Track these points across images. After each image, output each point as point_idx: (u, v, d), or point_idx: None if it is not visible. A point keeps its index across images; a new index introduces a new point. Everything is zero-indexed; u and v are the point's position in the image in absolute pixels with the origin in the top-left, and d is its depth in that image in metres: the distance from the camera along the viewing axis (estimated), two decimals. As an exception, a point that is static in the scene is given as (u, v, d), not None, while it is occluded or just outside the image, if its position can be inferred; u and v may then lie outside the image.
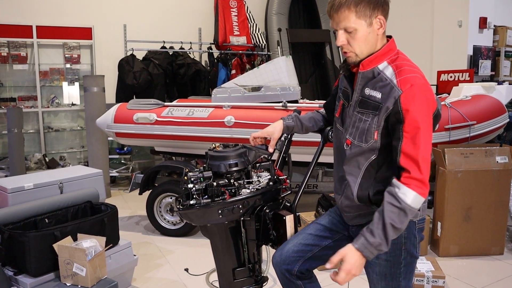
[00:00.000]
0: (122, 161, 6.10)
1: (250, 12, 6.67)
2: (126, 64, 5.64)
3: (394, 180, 1.42)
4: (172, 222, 3.92)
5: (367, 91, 1.49)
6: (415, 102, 1.39)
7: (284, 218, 1.66)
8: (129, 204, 4.92)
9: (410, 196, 1.37)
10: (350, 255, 1.38)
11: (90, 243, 2.36)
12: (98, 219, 2.62)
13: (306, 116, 1.93)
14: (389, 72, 1.46)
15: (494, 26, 5.87)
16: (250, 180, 1.73)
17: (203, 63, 6.60)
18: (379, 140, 1.48)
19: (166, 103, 4.03)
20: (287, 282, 1.75)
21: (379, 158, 1.51)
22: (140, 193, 4.03)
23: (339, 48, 1.55)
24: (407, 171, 1.39)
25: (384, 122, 1.45)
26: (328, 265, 1.40)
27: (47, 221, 2.53)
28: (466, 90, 3.74)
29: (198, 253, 3.54)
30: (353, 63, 1.54)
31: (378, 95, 1.45)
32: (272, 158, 1.89)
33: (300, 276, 1.73)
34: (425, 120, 1.40)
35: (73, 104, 5.95)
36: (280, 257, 1.73)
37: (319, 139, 1.92)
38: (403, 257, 1.56)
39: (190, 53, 6.30)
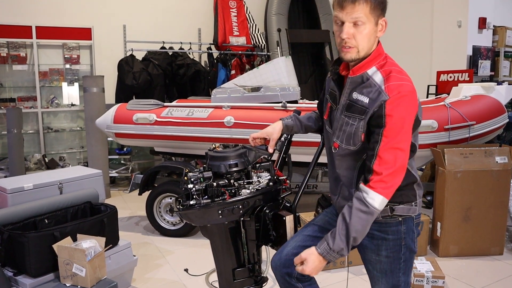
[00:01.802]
0: (122, 162, 6.09)
1: (249, 13, 6.67)
2: (126, 65, 5.63)
3: (362, 185, 1.44)
4: (172, 223, 3.91)
5: (355, 95, 1.50)
6: (399, 109, 1.40)
7: (284, 218, 1.66)
8: (129, 205, 4.92)
9: (378, 200, 1.41)
10: (312, 259, 1.45)
11: (90, 243, 2.36)
12: (97, 219, 2.62)
13: (305, 116, 1.93)
14: (378, 78, 1.47)
15: (494, 26, 5.87)
16: (250, 180, 1.73)
17: (202, 64, 6.60)
18: (366, 141, 1.49)
19: (165, 104, 4.03)
20: (287, 285, 1.74)
21: None
22: (140, 194, 4.02)
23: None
24: (378, 174, 1.41)
25: (366, 124, 1.47)
26: (295, 262, 1.49)
27: (46, 221, 2.53)
28: (465, 90, 3.75)
29: (198, 253, 3.54)
30: (350, 59, 1.51)
31: (365, 100, 1.46)
32: (272, 159, 1.89)
33: (300, 278, 1.72)
34: (406, 128, 1.42)
35: (72, 105, 5.95)
36: (279, 261, 1.72)
37: (319, 140, 1.92)
38: (403, 252, 1.58)
39: (189, 54, 6.29)
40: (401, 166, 1.43)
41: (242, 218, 1.68)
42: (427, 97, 5.14)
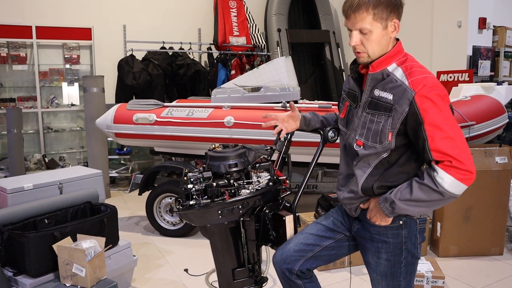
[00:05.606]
0: (122, 162, 6.09)
1: (249, 13, 6.67)
2: (126, 65, 5.63)
3: (433, 164, 1.42)
4: (172, 223, 3.91)
5: (377, 92, 1.50)
6: (430, 100, 1.40)
7: (284, 218, 1.66)
8: (129, 205, 4.92)
9: (448, 181, 1.38)
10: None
11: (90, 243, 2.36)
12: (97, 219, 2.62)
13: (325, 115, 1.96)
14: (399, 73, 1.48)
15: (494, 26, 5.86)
16: (250, 180, 1.73)
17: (202, 64, 6.60)
18: (393, 142, 1.49)
19: (165, 104, 4.03)
20: (287, 281, 1.75)
21: (391, 157, 1.52)
22: (140, 194, 4.02)
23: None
24: (445, 162, 1.39)
25: (401, 125, 1.45)
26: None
27: (46, 221, 2.53)
28: (465, 91, 3.75)
29: (198, 253, 3.53)
30: (364, 63, 1.55)
31: (389, 96, 1.46)
32: (272, 159, 1.89)
33: (300, 275, 1.73)
34: (445, 114, 1.41)
35: (72, 105, 5.95)
36: (280, 256, 1.73)
37: (319, 140, 1.92)
38: (404, 256, 1.58)
39: (189, 54, 6.29)
40: (462, 149, 1.39)
41: (242, 218, 1.68)
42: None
